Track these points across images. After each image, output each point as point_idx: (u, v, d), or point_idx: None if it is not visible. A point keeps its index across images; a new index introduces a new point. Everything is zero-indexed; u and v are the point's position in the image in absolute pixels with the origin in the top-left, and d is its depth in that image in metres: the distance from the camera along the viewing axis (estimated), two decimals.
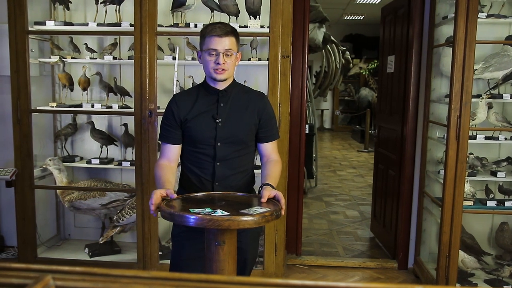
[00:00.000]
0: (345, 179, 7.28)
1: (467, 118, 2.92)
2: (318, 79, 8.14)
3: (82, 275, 0.77)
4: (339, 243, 4.32)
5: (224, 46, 1.98)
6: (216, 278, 0.80)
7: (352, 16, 12.10)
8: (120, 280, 0.76)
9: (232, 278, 0.76)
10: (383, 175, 4.22)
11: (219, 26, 2.01)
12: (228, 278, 0.77)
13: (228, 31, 2.00)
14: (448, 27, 3.19)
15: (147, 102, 3.11)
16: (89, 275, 0.77)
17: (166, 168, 2.04)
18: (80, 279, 0.76)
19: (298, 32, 3.69)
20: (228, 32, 2.00)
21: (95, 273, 0.77)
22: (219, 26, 2.01)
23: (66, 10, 3.48)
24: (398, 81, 3.86)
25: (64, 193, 3.45)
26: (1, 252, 3.83)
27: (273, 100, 3.05)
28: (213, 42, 1.98)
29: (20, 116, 3.18)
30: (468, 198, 3.11)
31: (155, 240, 3.23)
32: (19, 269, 0.76)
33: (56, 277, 0.75)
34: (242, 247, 2.09)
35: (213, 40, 1.98)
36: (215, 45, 1.98)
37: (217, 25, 2.02)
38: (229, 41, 1.99)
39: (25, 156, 3.22)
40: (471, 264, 3.20)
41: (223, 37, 1.98)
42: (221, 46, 1.98)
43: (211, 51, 1.98)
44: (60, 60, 3.39)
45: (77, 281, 0.76)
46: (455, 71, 2.91)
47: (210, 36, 1.98)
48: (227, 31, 2.00)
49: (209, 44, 1.99)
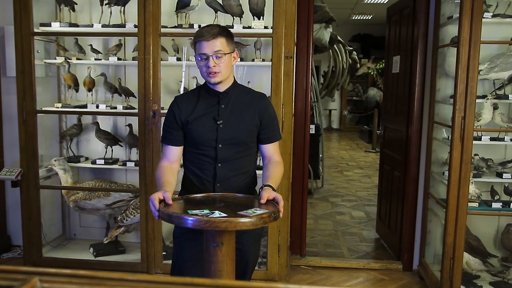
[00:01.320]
0: (351, 180, 7.25)
1: (471, 119, 2.90)
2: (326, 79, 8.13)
3: (68, 277, 0.77)
4: (344, 244, 4.30)
5: (212, 48, 1.96)
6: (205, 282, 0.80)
7: (360, 16, 12.06)
8: (106, 282, 0.76)
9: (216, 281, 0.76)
10: (388, 176, 4.20)
11: (206, 29, 2.00)
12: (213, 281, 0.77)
13: (215, 33, 1.98)
14: (453, 27, 3.17)
15: (150, 103, 3.12)
16: (76, 278, 0.78)
17: (167, 170, 2.05)
18: (67, 281, 0.77)
19: (302, 33, 3.68)
20: (215, 34, 1.98)
21: (82, 275, 0.78)
22: (206, 29, 2.00)
23: (72, 12, 3.50)
24: (403, 81, 3.84)
25: (69, 193, 3.47)
26: (7, 251, 3.87)
27: (277, 100, 3.05)
28: (202, 47, 1.98)
29: (26, 116, 3.21)
30: (473, 199, 3.08)
31: (158, 240, 3.24)
32: (6, 271, 0.77)
33: (42, 279, 0.76)
34: (243, 248, 2.10)
35: (202, 44, 1.98)
36: (204, 49, 1.97)
37: (204, 28, 2.02)
38: (217, 43, 1.97)
39: (31, 157, 3.25)
40: (476, 266, 3.17)
41: (210, 39, 1.97)
42: (210, 49, 1.97)
43: (202, 56, 1.99)
44: (65, 61, 3.42)
45: (64, 283, 0.76)
46: (459, 72, 2.89)
47: (199, 40, 1.99)
48: (213, 33, 1.98)
49: (199, 49, 1.99)
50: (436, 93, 3.43)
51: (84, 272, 0.77)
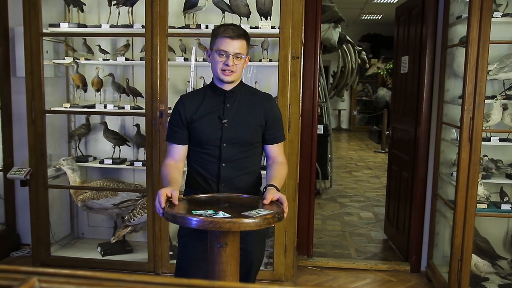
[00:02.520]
0: (360, 180, 7.22)
1: (480, 120, 2.87)
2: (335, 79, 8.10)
3: (67, 278, 0.78)
4: (352, 245, 4.29)
5: (235, 48, 1.98)
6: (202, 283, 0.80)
7: (370, 15, 12.00)
8: (104, 283, 0.77)
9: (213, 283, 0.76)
10: (397, 176, 4.17)
11: (232, 28, 2.01)
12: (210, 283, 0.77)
13: (240, 34, 2.00)
14: (462, 26, 3.13)
15: (157, 103, 3.13)
16: (74, 278, 0.78)
17: (173, 167, 2.05)
18: (65, 281, 0.77)
19: (310, 33, 3.67)
20: (240, 35, 2.00)
21: (80, 275, 0.78)
22: (232, 28, 2.01)
23: (80, 12, 3.52)
24: (411, 81, 3.81)
25: (77, 193, 3.50)
26: (17, 249, 3.90)
27: (283, 101, 3.05)
28: (224, 43, 1.98)
29: (34, 116, 3.24)
30: (481, 201, 3.05)
31: (165, 240, 3.25)
32: (5, 270, 0.78)
33: (41, 279, 0.76)
34: (248, 249, 2.09)
35: (225, 41, 1.98)
36: (226, 47, 1.98)
37: (230, 26, 2.02)
38: (240, 44, 1.99)
39: (39, 156, 3.28)
40: (485, 268, 3.14)
41: (235, 39, 1.98)
42: (232, 48, 1.98)
43: (221, 52, 1.99)
44: (73, 62, 3.45)
45: (62, 284, 0.77)
46: (468, 72, 2.86)
47: (222, 37, 1.99)
48: (239, 33, 2.00)
49: (220, 44, 1.99)
50: (445, 94, 3.40)
51: (82, 272, 0.78)
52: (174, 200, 1.78)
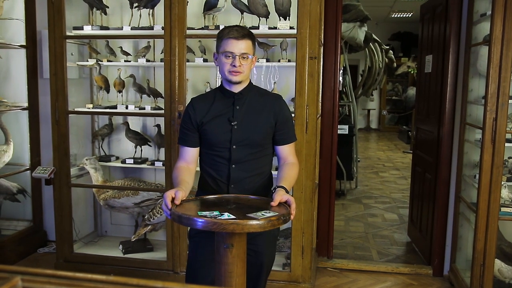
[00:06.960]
0: (387, 181, 7.11)
1: (503, 121, 2.78)
2: (362, 79, 8.00)
3: (48, 278, 0.80)
4: (374, 247, 4.22)
5: (240, 49, 1.99)
6: None
7: (400, 13, 11.78)
8: (84, 283, 0.78)
9: None
10: (420, 178, 4.08)
11: (236, 29, 2.03)
12: None
13: (245, 34, 2.02)
14: (487, 24, 3.04)
15: (176, 104, 3.16)
16: (56, 278, 0.80)
17: (183, 170, 2.07)
18: (46, 281, 0.79)
19: (330, 33, 3.64)
20: (245, 35, 2.02)
21: (62, 276, 0.80)
22: (236, 29, 2.03)
23: (104, 15, 3.60)
24: (435, 81, 3.72)
25: (100, 192, 3.58)
26: (44, 246, 4.03)
27: (301, 101, 3.03)
28: (229, 45, 2.00)
29: (58, 117, 3.33)
30: (506, 204, 2.96)
31: (183, 239, 3.28)
32: None
33: (24, 278, 0.79)
34: (258, 250, 2.10)
35: (230, 42, 2.00)
36: (232, 48, 1.99)
37: (235, 28, 2.04)
38: (245, 44, 2.01)
39: (63, 156, 3.37)
40: (510, 274, 3.04)
41: (240, 40, 1.99)
42: (238, 49, 1.99)
43: (228, 54, 2.00)
44: (96, 63, 3.52)
45: (44, 284, 0.79)
46: (491, 71, 2.78)
47: (227, 38, 2.00)
48: (244, 34, 2.02)
49: (225, 46, 2.01)
50: (469, 94, 3.31)
51: (64, 273, 0.80)
52: (176, 200, 1.80)
